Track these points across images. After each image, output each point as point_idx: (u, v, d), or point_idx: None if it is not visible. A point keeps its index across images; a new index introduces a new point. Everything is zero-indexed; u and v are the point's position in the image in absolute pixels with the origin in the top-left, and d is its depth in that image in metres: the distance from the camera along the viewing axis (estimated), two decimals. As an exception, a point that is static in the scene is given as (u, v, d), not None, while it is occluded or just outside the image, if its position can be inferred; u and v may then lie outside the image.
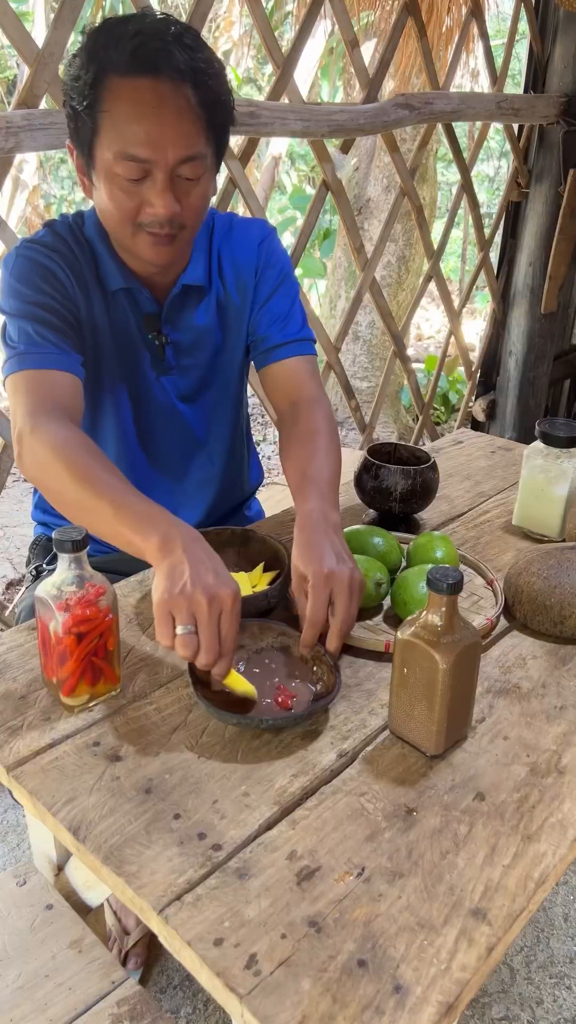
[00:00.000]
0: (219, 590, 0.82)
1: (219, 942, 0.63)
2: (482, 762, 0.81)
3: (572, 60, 2.78)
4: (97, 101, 1.01)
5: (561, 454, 1.16)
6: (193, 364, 1.26)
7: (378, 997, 0.59)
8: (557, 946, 1.49)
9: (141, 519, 0.88)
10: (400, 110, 2.25)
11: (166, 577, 0.83)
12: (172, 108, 1.00)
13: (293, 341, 1.27)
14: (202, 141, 1.05)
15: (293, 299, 1.30)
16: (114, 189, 1.04)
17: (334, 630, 0.91)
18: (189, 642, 0.81)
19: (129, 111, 1.00)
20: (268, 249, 1.28)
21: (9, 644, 0.97)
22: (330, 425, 1.19)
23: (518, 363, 3.21)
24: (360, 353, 4.20)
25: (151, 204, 1.04)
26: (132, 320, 1.20)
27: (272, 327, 1.26)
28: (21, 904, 1.03)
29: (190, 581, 0.82)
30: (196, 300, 1.23)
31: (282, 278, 1.28)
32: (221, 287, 1.26)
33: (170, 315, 1.21)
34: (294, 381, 1.26)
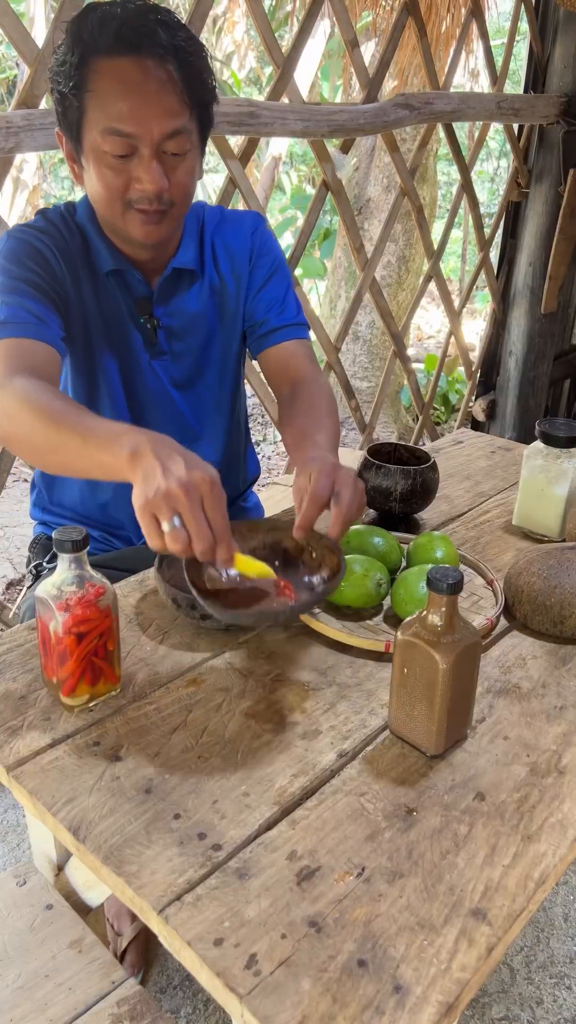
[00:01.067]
0: (193, 477, 0.80)
1: (219, 942, 0.63)
2: (482, 762, 0.81)
3: (572, 60, 2.78)
4: (83, 82, 1.03)
5: (561, 454, 1.16)
6: (186, 349, 1.27)
7: (378, 997, 0.59)
8: (557, 946, 1.49)
9: (109, 439, 0.87)
10: (400, 110, 2.25)
11: (140, 484, 0.81)
12: (156, 83, 1.03)
13: (290, 325, 1.29)
14: (186, 116, 1.07)
15: (287, 286, 1.32)
16: (102, 168, 1.06)
17: (337, 514, 0.91)
18: (178, 535, 0.80)
19: (114, 88, 1.02)
20: (261, 237, 1.30)
21: (9, 644, 0.97)
22: (329, 399, 1.20)
23: (518, 363, 3.21)
24: (360, 353, 4.20)
25: (139, 180, 1.06)
26: (123, 303, 1.20)
27: (270, 312, 1.28)
28: (21, 904, 1.03)
29: (163, 478, 0.80)
30: (188, 284, 1.24)
31: (276, 265, 1.30)
32: (215, 274, 1.27)
33: (161, 298, 1.22)
34: (293, 363, 1.27)
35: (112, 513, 1.32)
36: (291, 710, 0.86)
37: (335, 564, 0.87)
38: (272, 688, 0.89)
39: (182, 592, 0.95)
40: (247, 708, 0.86)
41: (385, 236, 2.53)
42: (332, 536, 0.91)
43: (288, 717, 0.85)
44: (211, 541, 0.81)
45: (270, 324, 1.28)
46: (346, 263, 4.15)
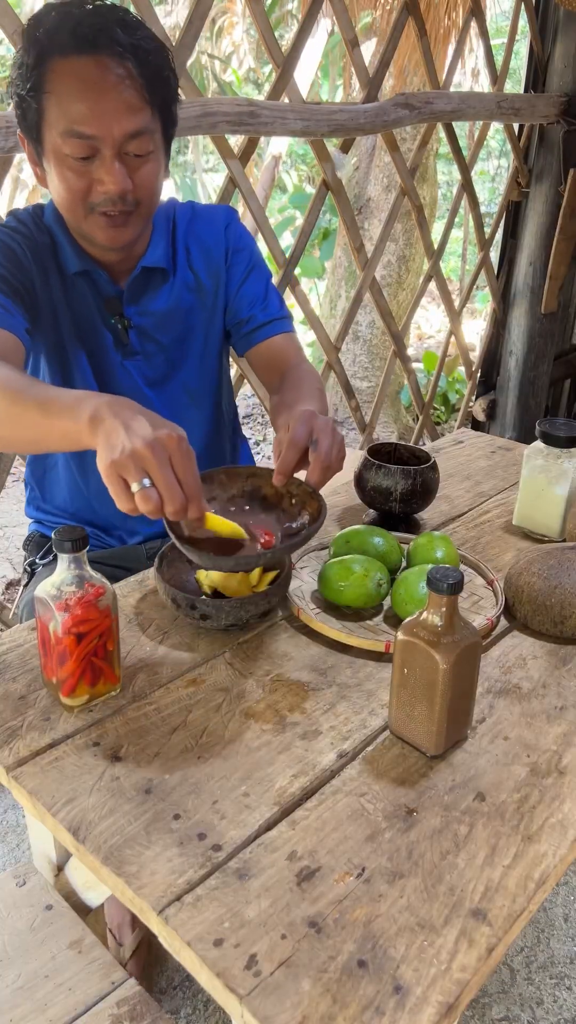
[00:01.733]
0: (159, 434, 0.79)
1: (219, 942, 0.62)
2: (482, 762, 0.80)
3: (572, 59, 2.78)
4: (41, 83, 1.01)
5: (561, 454, 1.16)
6: (158, 348, 1.25)
7: (378, 997, 0.59)
8: (557, 946, 1.49)
9: (68, 406, 0.85)
10: (400, 109, 2.25)
11: (104, 447, 0.79)
12: (114, 82, 1.01)
13: (275, 319, 1.28)
14: (148, 115, 1.04)
15: (267, 280, 1.31)
16: (63, 170, 1.04)
17: (316, 460, 0.90)
18: (148, 496, 0.78)
19: (72, 89, 1.00)
20: (235, 233, 1.29)
21: (9, 644, 0.96)
22: (314, 378, 1.21)
23: (518, 363, 3.20)
24: (360, 353, 4.20)
25: (101, 182, 1.04)
26: (93, 303, 1.19)
27: (253, 308, 1.28)
28: (21, 904, 1.03)
29: (127, 438, 0.78)
30: (159, 283, 1.23)
31: (253, 260, 1.29)
32: (189, 271, 1.25)
33: (131, 297, 1.21)
34: (281, 357, 1.28)
35: (100, 511, 1.31)
36: (291, 710, 0.86)
37: (316, 508, 0.87)
38: (272, 688, 0.89)
39: (182, 592, 0.95)
40: (247, 708, 0.86)
41: (385, 236, 2.53)
42: (312, 482, 0.91)
43: (288, 717, 0.85)
44: (183, 500, 0.79)
45: (255, 320, 1.28)
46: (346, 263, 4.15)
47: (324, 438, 0.92)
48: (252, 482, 0.94)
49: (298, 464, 0.94)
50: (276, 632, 0.98)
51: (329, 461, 0.91)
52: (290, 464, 0.91)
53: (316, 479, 0.92)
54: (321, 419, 0.94)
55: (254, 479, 0.94)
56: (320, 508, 0.87)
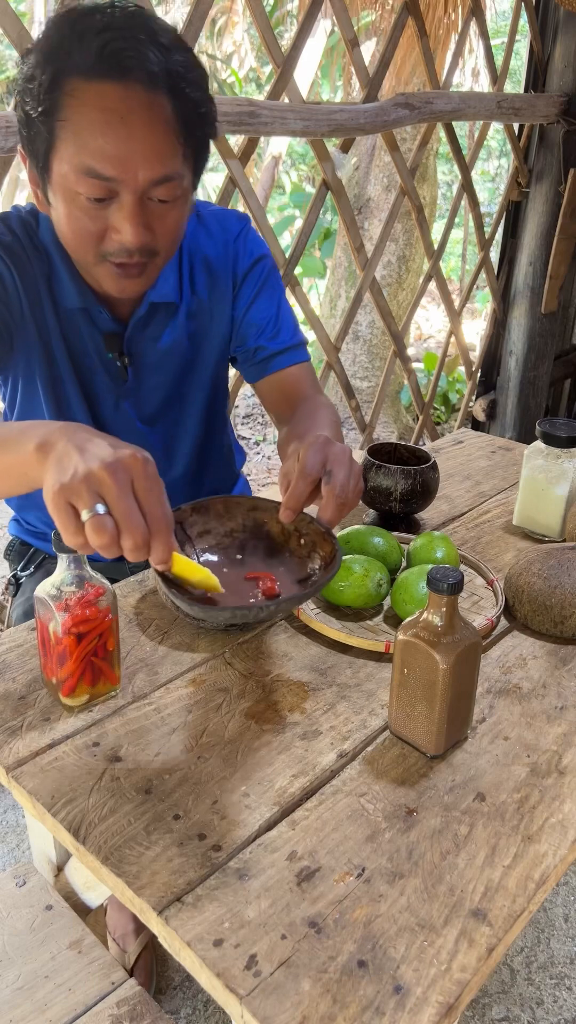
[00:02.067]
0: (121, 455, 0.66)
1: (219, 943, 0.62)
2: (482, 763, 0.80)
3: (572, 59, 2.78)
4: (55, 108, 0.87)
5: (562, 454, 1.16)
6: (158, 384, 1.15)
7: (378, 998, 0.59)
8: (557, 947, 1.49)
9: (14, 437, 0.73)
10: (400, 109, 2.25)
11: (53, 472, 0.67)
12: (144, 120, 0.86)
13: (288, 349, 1.17)
14: (179, 159, 0.91)
15: (279, 300, 1.18)
16: (73, 210, 0.91)
17: (329, 494, 0.79)
18: (101, 524, 0.65)
19: (93, 120, 0.86)
20: (245, 244, 1.14)
21: (9, 644, 0.96)
22: (331, 411, 1.11)
23: (518, 363, 3.21)
24: (360, 353, 4.20)
25: (117, 230, 0.91)
26: (89, 338, 1.08)
27: (261, 337, 1.16)
28: (21, 905, 1.03)
29: (81, 460, 0.66)
30: (165, 317, 1.11)
31: (264, 276, 1.15)
32: (191, 295, 1.12)
33: (135, 335, 1.10)
34: (294, 390, 1.17)
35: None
36: (291, 710, 0.86)
37: (329, 552, 0.76)
38: (272, 688, 0.89)
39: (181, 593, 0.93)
40: (247, 708, 0.86)
41: (385, 236, 2.53)
42: (324, 520, 0.80)
43: (288, 717, 0.85)
44: (144, 533, 0.66)
45: (265, 351, 1.16)
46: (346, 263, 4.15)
47: (339, 469, 0.81)
48: (255, 516, 0.83)
49: (309, 498, 0.83)
50: (276, 632, 0.98)
51: (345, 496, 0.81)
52: (300, 498, 0.81)
53: (329, 516, 0.81)
54: (337, 447, 0.84)
55: (257, 513, 0.83)
56: (334, 552, 0.76)
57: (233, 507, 0.82)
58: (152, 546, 0.67)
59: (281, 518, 0.82)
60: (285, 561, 0.79)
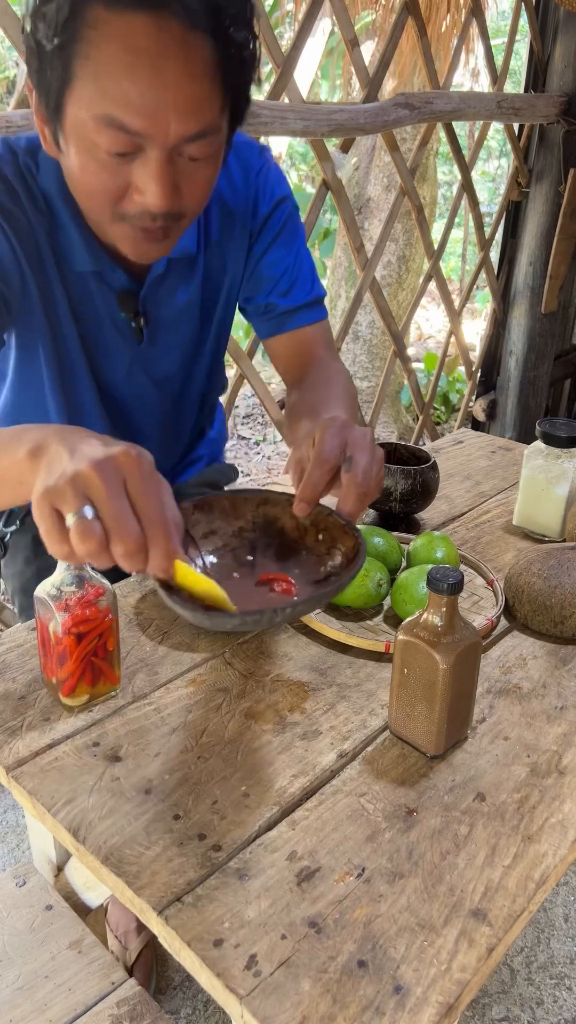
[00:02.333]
0: (112, 452, 0.60)
1: (219, 943, 0.62)
2: (482, 762, 0.80)
3: (572, 59, 2.78)
4: (73, 40, 0.72)
5: (562, 454, 1.16)
6: (172, 343, 1.05)
7: (378, 998, 0.59)
8: (557, 947, 1.49)
9: (9, 443, 0.67)
10: (400, 109, 2.25)
11: (42, 475, 0.61)
12: (179, 63, 0.72)
13: (302, 307, 1.06)
14: (216, 111, 0.77)
15: (298, 249, 1.05)
16: (90, 163, 0.78)
17: (350, 483, 0.71)
18: (87, 529, 0.57)
19: (118, 61, 0.72)
20: (266, 184, 1.02)
21: (9, 644, 0.96)
22: (346, 381, 1.02)
23: (518, 363, 3.21)
24: (360, 353, 4.20)
25: (140, 191, 0.79)
26: (101, 300, 0.97)
27: (274, 292, 1.04)
28: (21, 905, 1.03)
29: (70, 461, 0.59)
30: (184, 271, 1.00)
31: (284, 221, 1.03)
32: (207, 242, 1.00)
33: (151, 292, 0.99)
34: (306, 353, 1.07)
35: None
36: (291, 710, 0.86)
37: (351, 547, 0.69)
38: (272, 688, 0.89)
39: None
40: (247, 708, 0.86)
41: (385, 236, 2.53)
42: (344, 511, 0.73)
43: (288, 717, 0.85)
44: (138, 538, 0.59)
45: (278, 308, 1.05)
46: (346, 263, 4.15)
47: (361, 455, 0.73)
48: (265, 512, 0.74)
49: (326, 488, 0.75)
50: (276, 632, 0.98)
51: (368, 485, 0.73)
52: (317, 488, 0.73)
53: (351, 507, 0.73)
54: (356, 430, 0.76)
55: (268, 507, 0.75)
56: (357, 547, 0.68)
57: (241, 503, 0.74)
58: (150, 553, 0.60)
59: (296, 512, 0.74)
60: (301, 560, 0.72)
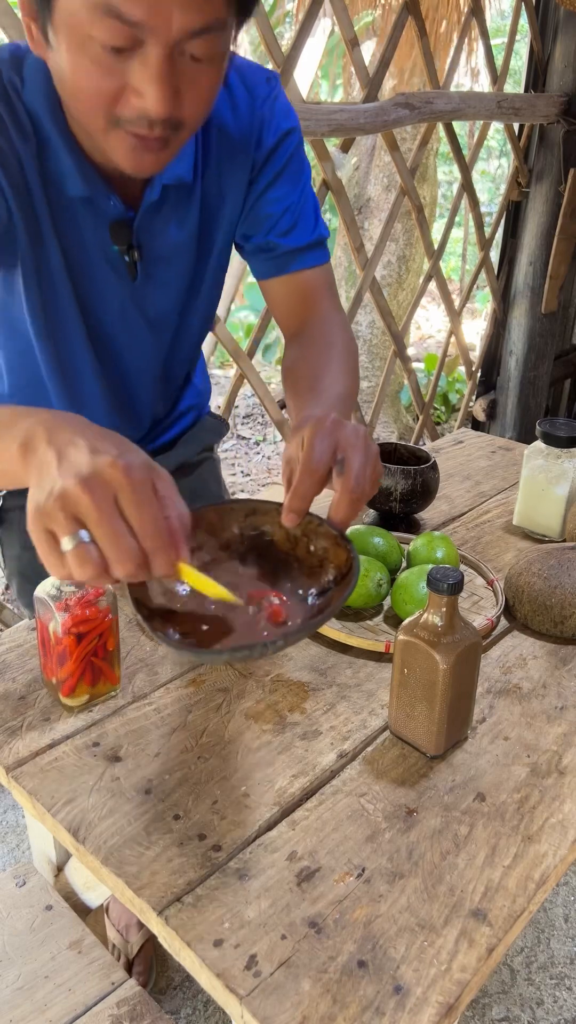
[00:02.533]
0: (98, 465, 0.55)
1: (219, 943, 0.62)
2: (482, 763, 0.80)
3: (572, 59, 2.78)
4: None
5: (562, 454, 1.16)
6: (167, 280, 0.98)
7: (378, 998, 0.59)
8: (557, 947, 1.49)
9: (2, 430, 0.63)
10: (400, 109, 2.25)
11: (33, 486, 0.58)
12: None
13: (304, 249, 0.99)
14: (223, 4, 0.70)
15: (303, 186, 0.98)
16: (83, 60, 0.70)
17: (343, 489, 0.67)
18: (84, 556, 0.55)
19: None
20: (272, 115, 0.94)
21: (8, 644, 0.96)
22: (347, 340, 0.96)
23: (518, 363, 3.21)
24: (360, 353, 4.20)
25: (139, 93, 0.72)
26: (92, 229, 0.90)
27: (274, 231, 0.97)
28: (20, 905, 1.03)
29: (57, 474, 0.56)
30: (181, 200, 0.93)
31: (289, 156, 0.96)
32: (205, 172, 0.93)
33: (146, 224, 0.92)
34: (307, 298, 1.01)
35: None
36: (291, 710, 0.86)
37: (344, 561, 0.65)
38: (272, 688, 0.89)
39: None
40: (247, 708, 0.86)
41: (385, 235, 2.53)
42: (336, 521, 0.69)
43: (288, 718, 0.85)
44: (136, 559, 0.56)
45: (278, 249, 0.98)
46: (346, 263, 4.15)
47: (355, 456, 0.68)
48: (253, 522, 0.70)
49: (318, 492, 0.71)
50: (276, 632, 0.98)
51: (361, 490, 0.68)
52: (306, 497, 0.68)
53: (342, 515, 0.69)
54: (348, 428, 0.70)
55: (256, 518, 0.70)
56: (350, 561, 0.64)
57: (227, 515, 0.70)
58: (152, 565, 0.57)
59: (284, 523, 0.70)
60: (292, 574, 0.67)
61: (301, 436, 0.70)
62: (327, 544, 0.68)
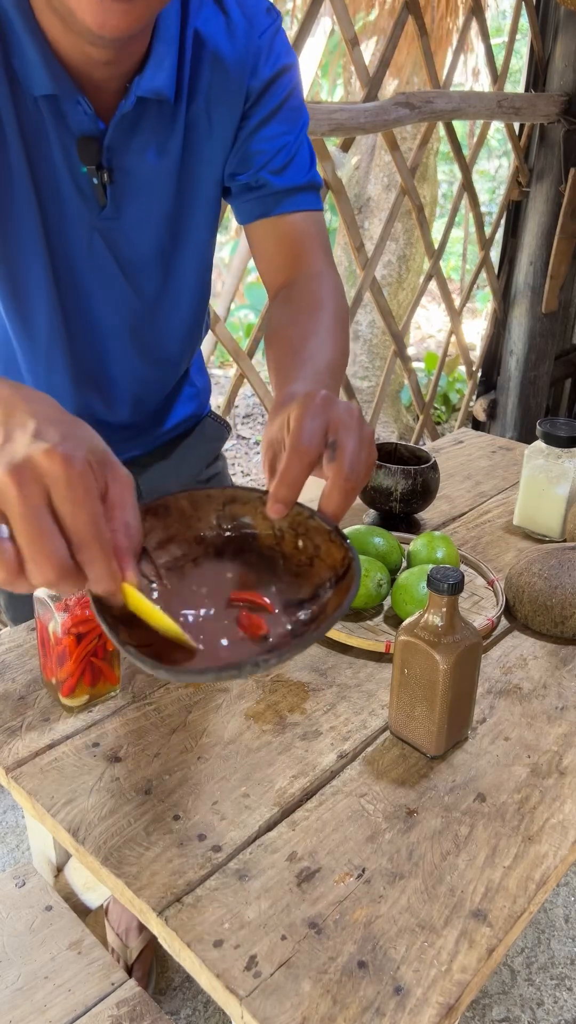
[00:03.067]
0: (35, 452, 0.48)
1: (219, 944, 0.62)
2: (483, 763, 0.80)
3: (573, 59, 2.78)
4: None
5: (562, 454, 1.15)
6: (143, 217, 0.88)
7: (378, 999, 0.59)
8: (558, 947, 1.49)
9: None
10: (400, 109, 2.25)
11: None
12: None
13: (296, 190, 0.90)
14: None
15: (300, 130, 0.91)
16: None
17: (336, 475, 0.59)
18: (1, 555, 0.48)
19: None
20: (271, 48, 0.88)
21: (8, 644, 0.96)
22: (338, 301, 0.88)
23: (519, 362, 3.20)
24: (360, 353, 4.20)
25: None
26: (58, 145, 0.80)
27: (265, 168, 0.89)
28: (20, 905, 1.03)
29: None
30: (156, 120, 0.84)
31: (287, 94, 0.89)
32: (191, 95, 0.85)
33: (117, 140, 0.82)
34: (296, 246, 0.92)
35: None
36: (291, 711, 0.86)
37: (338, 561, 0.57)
38: (272, 689, 0.89)
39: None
40: (247, 709, 0.86)
41: (385, 235, 2.53)
42: (328, 513, 0.60)
43: (288, 718, 0.85)
44: (59, 563, 0.48)
45: (267, 188, 0.90)
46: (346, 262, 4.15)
47: (348, 438, 0.61)
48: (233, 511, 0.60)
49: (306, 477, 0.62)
50: (276, 632, 0.98)
51: (356, 477, 0.60)
52: (296, 483, 0.60)
53: (335, 506, 0.61)
54: (340, 406, 0.63)
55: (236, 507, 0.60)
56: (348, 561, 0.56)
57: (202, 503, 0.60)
58: (92, 573, 0.50)
59: (270, 514, 0.60)
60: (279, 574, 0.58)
61: (286, 415, 0.62)
62: (319, 540, 0.59)
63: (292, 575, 0.62)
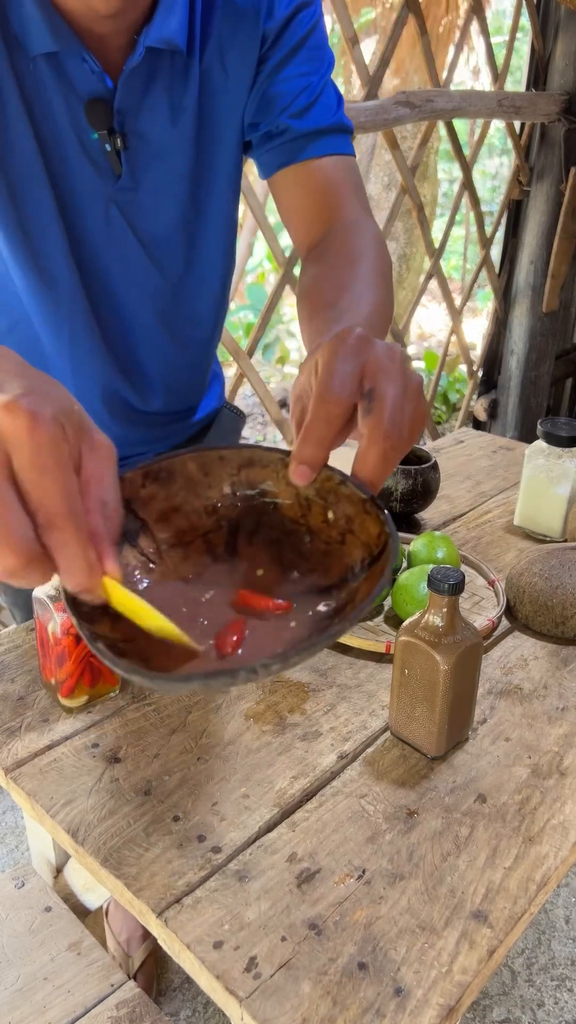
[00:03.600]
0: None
1: (219, 945, 0.62)
2: (483, 764, 0.80)
3: (573, 58, 2.78)
4: None
5: (563, 454, 1.15)
6: (162, 183, 0.80)
7: (379, 1000, 0.59)
8: (558, 948, 1.49)
9: None
10: (401, 108, 2.25)
11: None
12: None
13: (324, 131, 0.80)
14: None
15: (325, 71, 0.82)
16: None
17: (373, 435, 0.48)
18: None
19: None
20: None
21: (7, 645, 0.96)
22: (378, 249, 0.79)
23: (520, 362, 3.20)
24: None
25: None
26: (65, 106, 0.74)
27: (286, 112, 0.80)
28: (19, 906, 1.03)
29: None
30: (168, 75, 0.77)
31: (307, 32, 0.80)
32: (204, 43, 0.77)
33: (128, 99, 0.75)
34: (326, 195, 0.81)
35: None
36: (291, 711, 0.86)
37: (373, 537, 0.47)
38: (272, 689, 0.89)
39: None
40: (246, 709, 0.86)
41: (386, 234, 2.53)
42: (364, 478, 0.49)
43: (288, 719, 0.85)
44: (24, 545, 0.39)
45: (290, 131, 0.80)
46: (347, 262, 4.15)
47: (388, 385, 0.48)
48: (250, 476, 0.51)
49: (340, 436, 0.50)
50: (276, 632, 0.98)
51: (399, 433, 0.48)
52: (324, 441, 0.49)
53: (370, 469, 0.49)
54: (378, 347, 0.50)
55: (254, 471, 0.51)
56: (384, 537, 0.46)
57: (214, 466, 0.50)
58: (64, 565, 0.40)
59: (293, 479, 0.49)
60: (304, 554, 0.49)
61: (315, 360, 0.51)
62: (351, 511, 0.48)
63: (320, 555, 0.51)
